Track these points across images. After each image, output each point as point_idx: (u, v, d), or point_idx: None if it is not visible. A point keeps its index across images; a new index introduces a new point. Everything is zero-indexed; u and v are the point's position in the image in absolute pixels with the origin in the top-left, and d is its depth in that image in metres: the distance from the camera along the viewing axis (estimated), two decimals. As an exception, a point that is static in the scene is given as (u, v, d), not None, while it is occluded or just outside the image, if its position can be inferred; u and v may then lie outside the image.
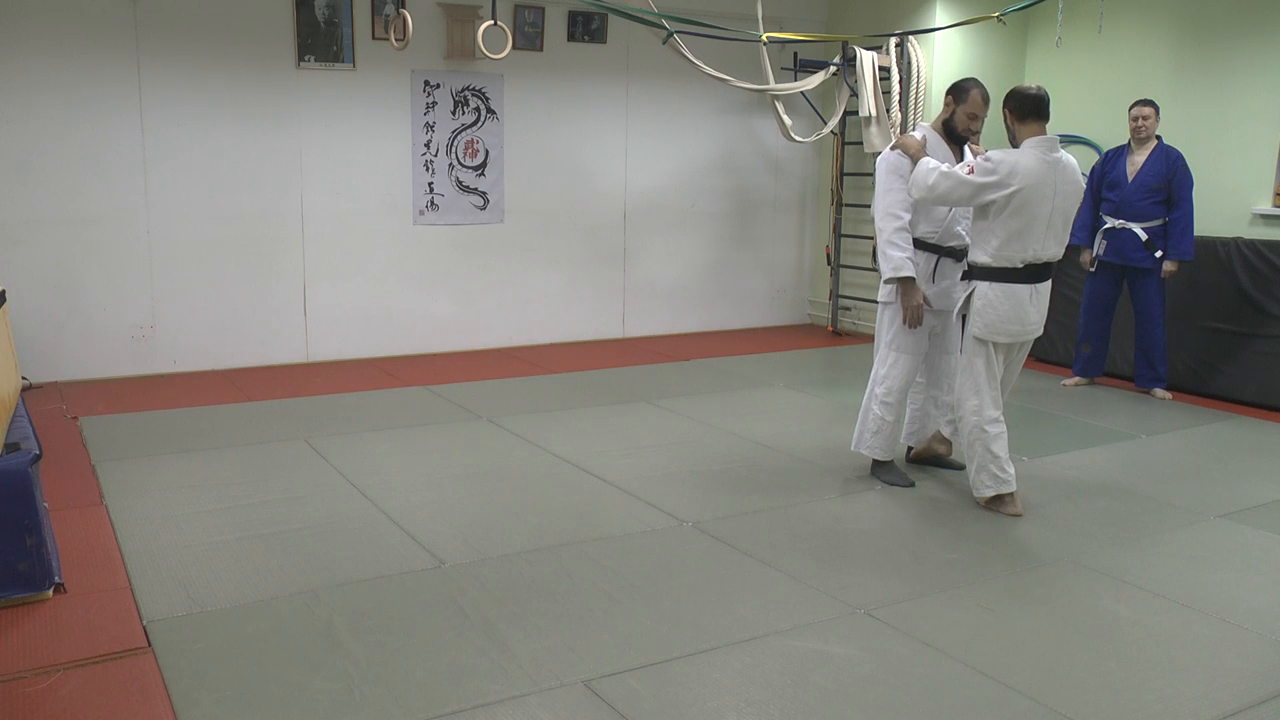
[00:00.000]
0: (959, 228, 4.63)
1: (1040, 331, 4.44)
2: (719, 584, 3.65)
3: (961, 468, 4.87)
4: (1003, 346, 4.38)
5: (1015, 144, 4.33)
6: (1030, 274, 4.29)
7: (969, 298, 4.39)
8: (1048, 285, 4.40)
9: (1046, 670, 3.07)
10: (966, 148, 4.67)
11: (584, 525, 4.18)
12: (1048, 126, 4.31)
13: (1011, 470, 4.39)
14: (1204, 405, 6.45)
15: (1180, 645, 3.26)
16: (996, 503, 4.42)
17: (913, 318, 4.54)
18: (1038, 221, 4.21)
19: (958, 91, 4.54)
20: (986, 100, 4.53)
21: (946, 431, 4.83)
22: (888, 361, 4.67)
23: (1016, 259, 4.25)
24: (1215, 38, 7.04)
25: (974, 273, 4.37)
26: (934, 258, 4.64)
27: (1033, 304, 4.33)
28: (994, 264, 4.27)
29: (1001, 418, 4.41)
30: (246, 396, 6.28)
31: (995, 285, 4.29)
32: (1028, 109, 4.27)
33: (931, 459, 5.00)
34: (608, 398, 6.39)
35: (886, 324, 4.67)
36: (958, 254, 4.65)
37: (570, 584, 3.61)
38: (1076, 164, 4.36)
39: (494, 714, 2.77)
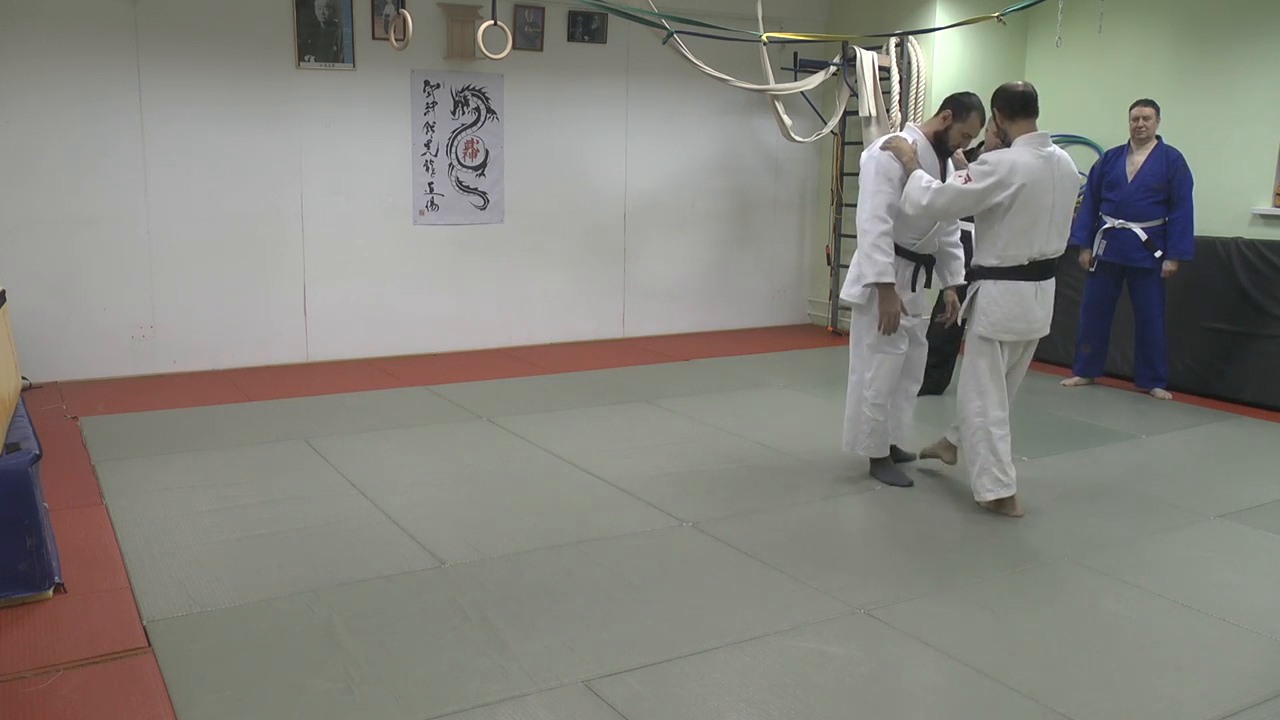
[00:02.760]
0: (938, 238, 4.65)
1: (1046, 330, 4.40)
2: (719, 584, 3.65)
3: (910, 458, 4.97)
4: (1007, 345, 4.36)
5: (1007, 142, 4.32)
6: (1035, 271, 4.27)
7: (972, 298, 4.38)
8: (1052, 283, 4.37)
9: (1046, 670, 3.07)
10: (951, 158, 4.67)
11: (584, 525, 4.18)
12: (1039, 123, 4.29)
13: (1013, 473, 4.38)
14: (1204, 405, 6.45)
15: (1180, 645, 3.26)
16: (997, 505, 4.41)
17: (890, 324, 4.52)
18: (1041, 217, 4.19)
19: (958, 108, 4.48)
20: (984, 121, 4.52)
21: (954, 439, 4.76)
22: (873, 364, 4.66)
23: (1023, 256, 4.22)
24: (1215, 38, 7.04)
25: (978, 273, 4.35)
26: (912, 265, 4.64)
27: (1038, 301, 4.30)
28: (1001, 264, 4.26)
29: (1007, 419, 4.38)
30: (246, 396, 6.28)
31: (1000, 283, 4.26)
32: (1016, 107, 4.26)
33: (898, 457, 5.00)
34: (608, 398, 6.39)
35: (865, 327, 4.66)
36: (930, 261, 4.70)
37: (570, 584, 3.61)
38: (1069, 157, 4.36)
39: (494, 714, 2.77)
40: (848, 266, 8.68)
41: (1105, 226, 6.58)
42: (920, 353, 4.86)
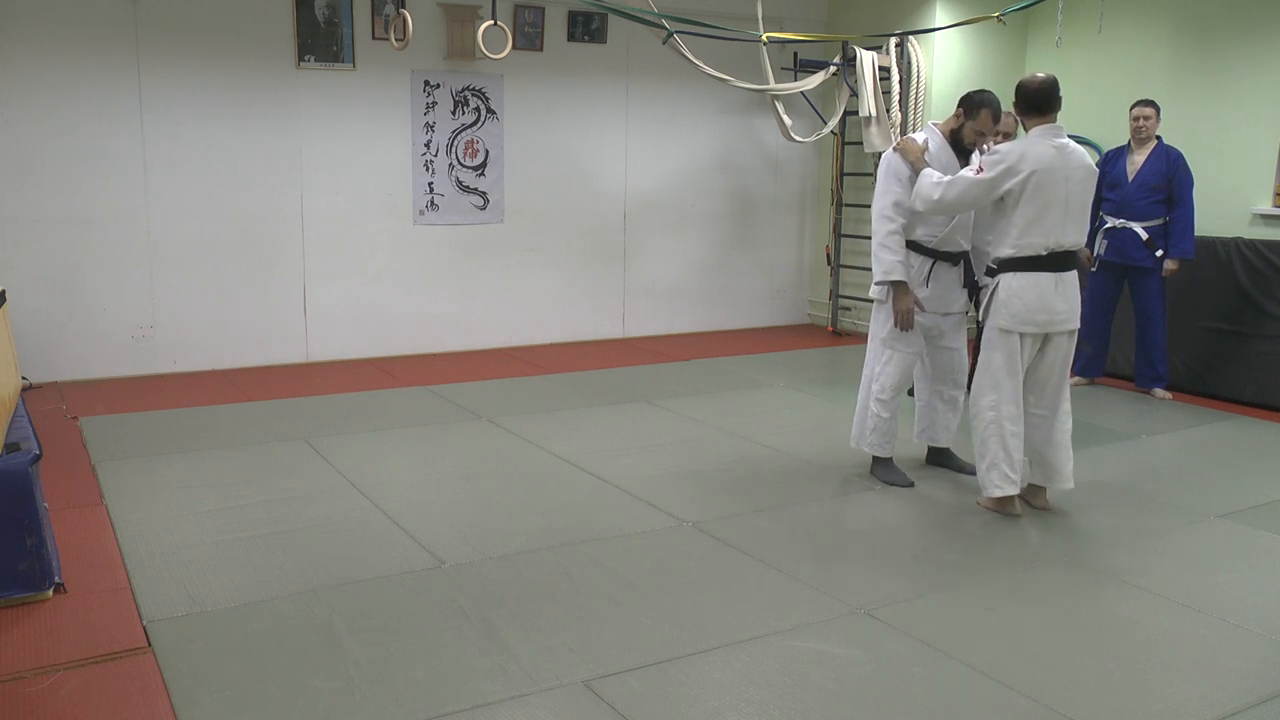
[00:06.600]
0: (959, 235, 4.61)
1: (1074, 324, 4.30)
2: (719, 584, 3.65)
3: (973, 472, 4.82)
4: (1030, 339, 4.27)
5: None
6: (1054, 262, 4.22)
7: (993, 292, 4.30)
8: (1073, 276, 4.30)
9: (1046, 670, 3.07)
10: (974, 154, 4.63)
11: (584, 525, 4.18)
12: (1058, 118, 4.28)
13: (1020, 473, 4.36)
14: (1204, 405, 6.45)
15: (1180, 645, 3.26)
16: (998, 504, 4.40)
17: (904, 321, 4.52)
18: (1054, 206, 4.16)
19: (969, 106, 4.49)
20: (998, 118, 4.48)
21: (1041, 480, 4.51)
22: (882, 359, 4.67)
23: (1040, 246, 4.18)
24: (1215, 38, 7.04)
25: (998, 268, 4.30)
26: (929, 261, 4.63)
27: (1059, 293, 4.23)
28: (1018, 254, 4.21)
29: (1021, 415, 4.31)
30: (246, 396, 6.28)
31: (1019, 275, 4.22)
32: (1033, 101, 4.26)
33: (942, 461, 4.98)
34: (608, 398, 6.39)
35: (881, 322, 4.66)
36: (954, 258, 4.65)
37: (570, 584, 3.61)
38: (1083, 150, 4.35)
39: (494, 714, 2.77)
40: (848, 266, 8.79)
41: (1106, 226, 6.58)
42: (952, 356, 4.80)
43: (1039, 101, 4.25)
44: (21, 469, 3.39)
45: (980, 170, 4.21)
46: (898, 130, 7.76)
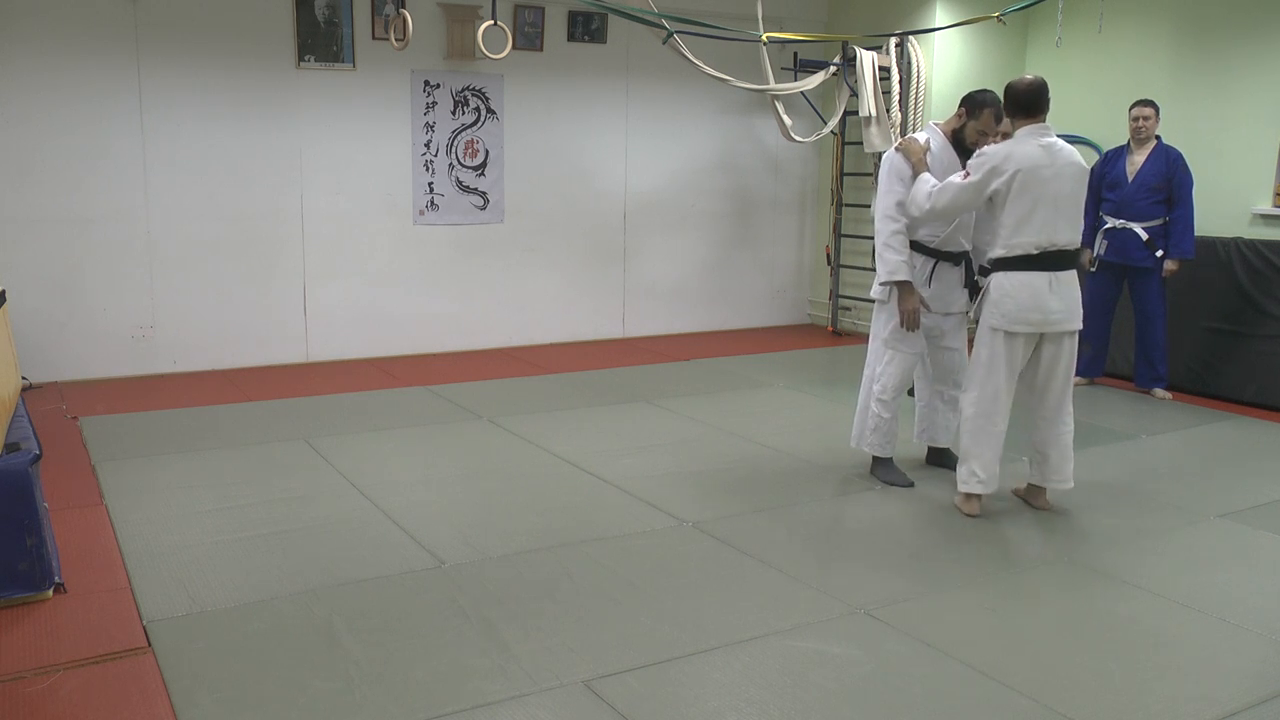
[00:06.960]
0: (961, 235, 4.61)
1: (1073, 325, 4.27)
2: (719, 584, 3.65)
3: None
4: (1023, 340, 4.24)
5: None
6: (1048, 261, 4.19)
7: (985, 291, 4.30)
8: (1071, 275, 4.27)
9: (1046, 670, 3.07)
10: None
11: (584, 525, 4.18)
12: (1048, 119, 4.28)
13: (989, 473, 4.32)
14: (1204, 405, 6.45)
15: (1180, 645, 3.26)
16: (964, 499, 4.39)
17: (910, 320, 4.53)
18: (1043, 203, 4.15)
19: (971, 105, 4.50)
20: (1000, 118, 4.47)
21: (1038, 479, 4.50)
22: (884, 359, 4.67)
23: (1030, 245, 4.17)
24: (1215, 38, 7.05)
25: (991, 267, 4.30)
26: (931, 261, 4.63)
27: (1054, 293, 4.19)
28: (1010, 254, 4.20)
29: (1006, 414, 4.30)
30: (246, 396, 6.28)
31: (1011, 274, 4.20)
32: (1022, 102, 4.25)
33: (942, 462, 4.99)
34: (608, 398, 6.39)
35: (883, 323, 4.66)
36: (956, 258, 4.65)
37: (570, 584, 3.61)
38: (1073, 148, 4.33)
39: (494, 714, 2.77)
40: (848, 267, 8.79)
41: (1106, 226, 6.58)
42: (952, 356, 4.80)
43: (1027, 103, 4.25)
44: (21, 469, 3.39)
45: (967, 175, 4.22)
46: (898, 130, 7.76)
